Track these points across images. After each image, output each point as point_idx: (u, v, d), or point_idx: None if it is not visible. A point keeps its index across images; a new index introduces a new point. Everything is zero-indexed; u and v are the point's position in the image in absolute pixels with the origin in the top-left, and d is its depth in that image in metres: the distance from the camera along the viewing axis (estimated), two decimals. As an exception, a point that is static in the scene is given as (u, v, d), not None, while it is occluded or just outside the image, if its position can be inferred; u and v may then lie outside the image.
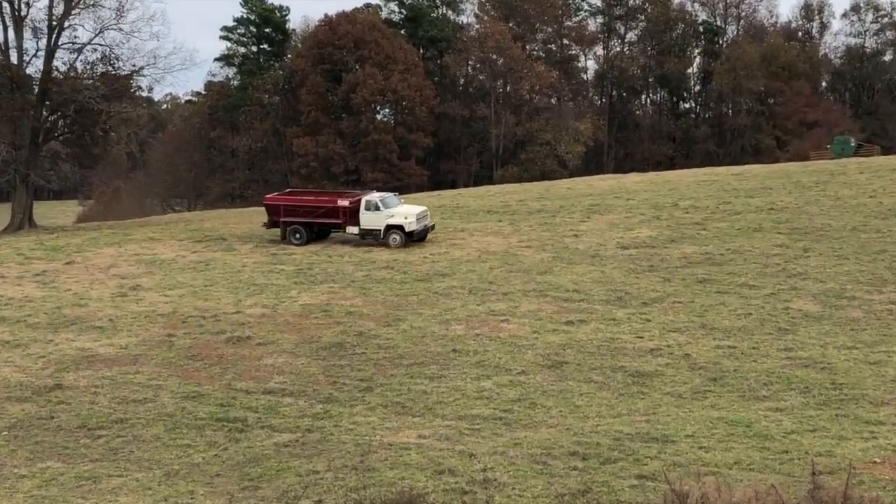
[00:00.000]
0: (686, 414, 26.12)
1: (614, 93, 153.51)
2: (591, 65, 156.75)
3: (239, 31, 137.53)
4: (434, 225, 54.01)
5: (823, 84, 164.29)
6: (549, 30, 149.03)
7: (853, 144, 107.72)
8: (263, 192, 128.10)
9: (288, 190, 63.33)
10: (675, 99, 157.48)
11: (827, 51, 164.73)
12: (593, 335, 34.31)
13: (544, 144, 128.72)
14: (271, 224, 54.57)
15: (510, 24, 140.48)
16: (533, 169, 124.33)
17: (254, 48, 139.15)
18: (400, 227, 51.22)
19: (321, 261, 48.52)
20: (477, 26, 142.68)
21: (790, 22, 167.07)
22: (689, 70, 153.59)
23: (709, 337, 33.95)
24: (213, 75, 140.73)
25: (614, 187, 71.81)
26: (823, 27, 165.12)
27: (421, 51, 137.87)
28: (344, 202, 52.74)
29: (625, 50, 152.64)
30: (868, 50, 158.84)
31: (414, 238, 51.31)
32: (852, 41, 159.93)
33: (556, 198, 66.68)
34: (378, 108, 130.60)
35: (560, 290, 41.04)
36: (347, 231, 52.56)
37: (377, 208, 51.66)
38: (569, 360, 31.62)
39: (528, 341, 33.73)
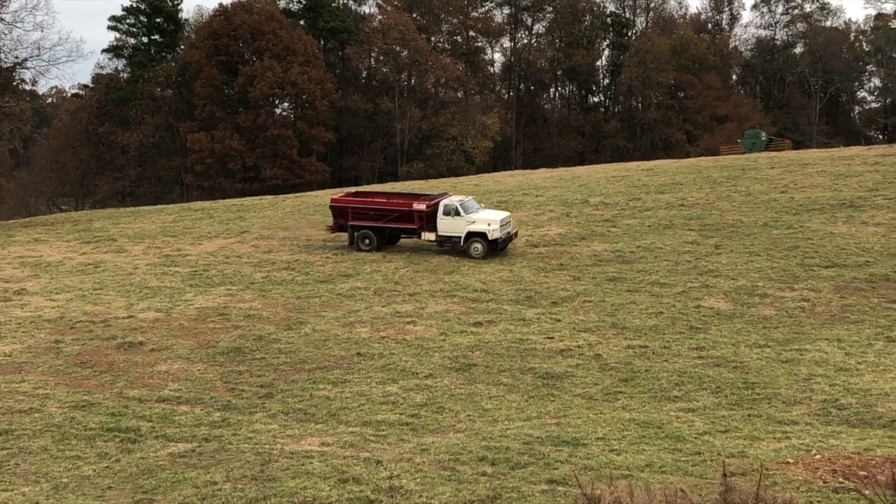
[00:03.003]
0: (597, 416, 26.39)
1: (522, 86, 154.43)
2: (498, 57, 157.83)
3: (128, 20, 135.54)
4: (517, 232, 50.90)
5: (734, 77, 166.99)
6: (455, 21, 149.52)
7: (764, 139, 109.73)
8: (155, 189, 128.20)
9: (354, 191, 59.56)
10: (583, 92, 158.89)
11: (737, 43, 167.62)
12: (502, 336, 34.51)
13: (450, 139, 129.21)
14: (336, 228, 51.75)
15: (414, 15, 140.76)
16: (439, 165, 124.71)
17: (144, 39, 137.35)
18: (482, 235, 48.05)
19: (218, 262, 48.11)
20: (379, 17, 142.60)
21: (700, 14, 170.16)
22: (598, 63, 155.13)
23: (620, 336, 34.34)
24: (102, 67, 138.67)
25: (523, 183, 72.26)
26: (733, 19, 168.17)
27: (321, 42, 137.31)
28: (420, 206, 49.80)
29: (532, 42, 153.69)
30: (779, 42, 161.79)
31: (497, 247, 48.15)
32: (763, 33, 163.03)
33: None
34: (277, 102, 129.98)
35: (468, 289, 41.23)
36: (423, 237, 49.92)
37: (457, 213, 48.70)
38: (477, 362, 31.76)
39: (436, 343, 33.82)
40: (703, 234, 49.72)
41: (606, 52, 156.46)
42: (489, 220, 48.55)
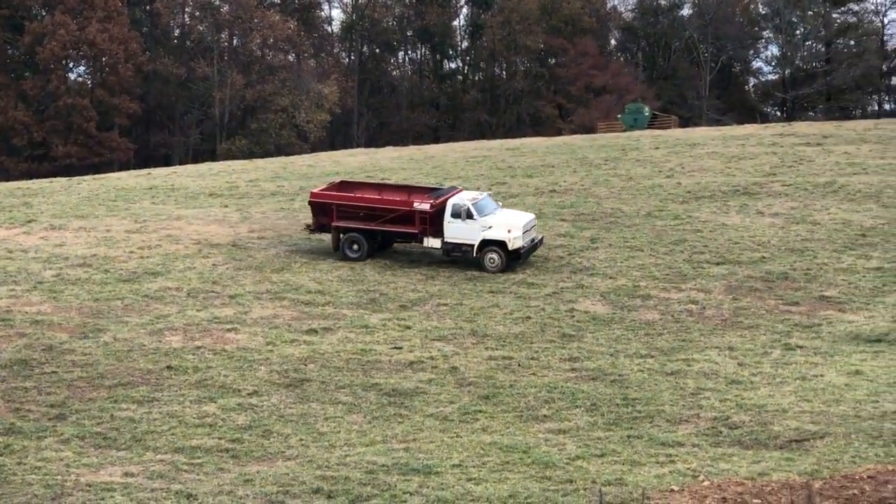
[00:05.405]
0: (452, 439, 26.57)
1: (365, 49, 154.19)
2: (337, 14, 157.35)
3: None
4: (543, 238, 47.75)
5: (613, 42, 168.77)
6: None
7: (647, 114, 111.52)
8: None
9: (340, 181, 54.15)
10: (438, 57, 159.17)
11: (616, 3, 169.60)
12: (341, 346, 34.52)
13: (280, 111, 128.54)
14: (317, 227, 48.45)
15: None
16: (266, 142, 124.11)
17: None
18: (500, 244, 44.80)
19: (-2, 257, 47.17)
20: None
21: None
22: (455, 23, 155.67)
23: (480, 346, 34.61)
24: None
25: (366, 165, 72.34)
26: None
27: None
28: (423, 205, 46.35)
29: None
30: (663, 3, 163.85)
31: (520, 259, 45.22)
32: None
33: (296, 177, 66.71)
34: (71, 66, 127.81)
35: (300, 291, 41.10)
36: (425, 244, 46.74)
37: (469, 216, 45.41)
38: (311, 377, 31.73)
39: (262, 355, 33.69)
40: (578, 226, 50.33)
41: (465, 11, 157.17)
42: (509, 226, 45.51)
